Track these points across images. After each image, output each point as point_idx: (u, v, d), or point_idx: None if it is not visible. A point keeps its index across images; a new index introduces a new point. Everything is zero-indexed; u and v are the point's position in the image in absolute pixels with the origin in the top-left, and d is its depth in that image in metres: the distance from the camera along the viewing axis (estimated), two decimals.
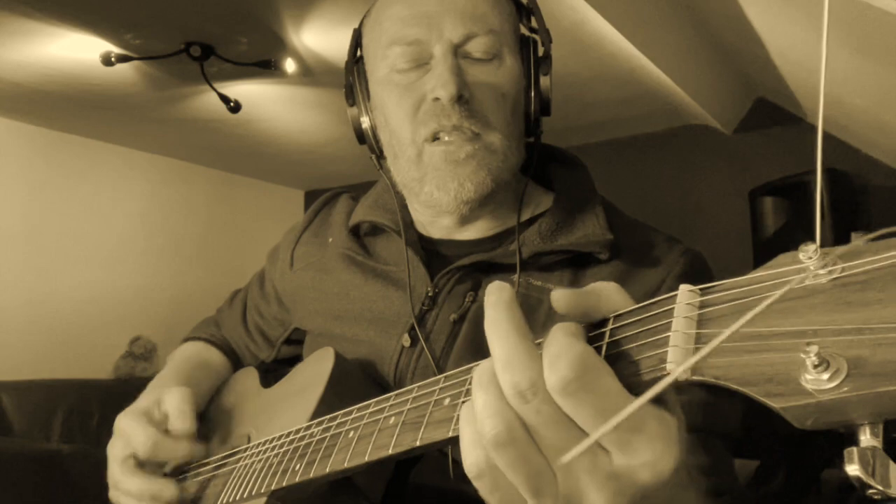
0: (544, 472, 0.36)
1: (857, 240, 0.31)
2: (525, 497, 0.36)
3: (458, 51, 0.72)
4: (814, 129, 3.50)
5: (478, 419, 0.36)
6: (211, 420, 0.90)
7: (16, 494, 2.65)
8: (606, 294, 0.39)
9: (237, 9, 2.80)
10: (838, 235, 2.96)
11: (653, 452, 0.35)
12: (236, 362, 1.00)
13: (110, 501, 0.78)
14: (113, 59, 3.11)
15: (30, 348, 3.95)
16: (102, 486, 0.79)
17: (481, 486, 0.38)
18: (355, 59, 0.81)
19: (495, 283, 0.39)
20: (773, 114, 3.64)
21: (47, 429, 3.49)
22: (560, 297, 0.38)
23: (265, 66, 3.21)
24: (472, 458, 0.37)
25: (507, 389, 0.36)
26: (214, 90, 3.42)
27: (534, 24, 0.79)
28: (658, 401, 0.35)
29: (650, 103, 3.54)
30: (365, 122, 0.80)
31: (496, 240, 0.79)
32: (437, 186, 0.72)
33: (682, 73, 3.06)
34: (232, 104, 3.51)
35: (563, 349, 0.34)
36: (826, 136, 3.43)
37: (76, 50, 3.11)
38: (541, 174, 0.84)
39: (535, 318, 0.71)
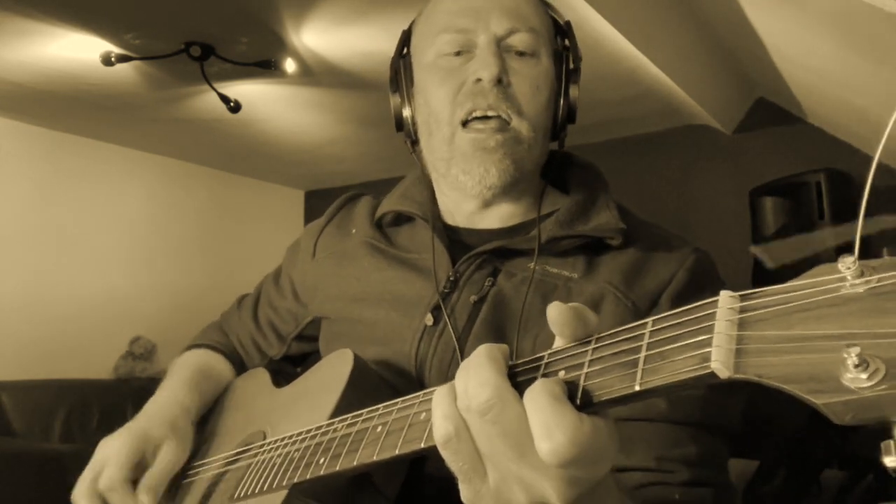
0: (479, 466, 0.44)
1: (889, 255, 0.34)
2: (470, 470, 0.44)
3: (500, 43, 0.78)
4: (815, 129, 3.51)
5: (433, 420, 0.46)
6: (219, 418, 0.90)
7: (16, 494, 2.65)
8: (591, 319, 0.45)
9: (237, 9, 2.80)
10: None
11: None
12: (240, 369, 1.00)
13: None
14: (113, 59, 3.11)
15: (30, 348, 3.95)
16: None
17: (445, 456, 0.45)
18: (401, 56, 0.87)
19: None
20: (773, 114, 3.64)
21: (47, 429, 3.50)
22: (555, 312, 0.45)
23: (265, 66, 3.21)
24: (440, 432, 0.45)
25: (460, 403, 0.44)
26: (214, 90, 3.42)
27: (567, 43, 0.85)
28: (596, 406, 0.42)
29: (650, 103, 3.54)
30: (406, 112, 0.85)
31: (515, 230, 0.83)
32: (462, 170, 0.78)
33: (682, 73, 3.06)
34: (232, 104, 3.51)
35: (555, 422, 0.40)
36: (826, 136, 3.44)
37: (76, 50, 3.11)
38: (558, 179, 0.89)
39: (550, 301, 0.74)
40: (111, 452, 0.78)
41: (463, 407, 0.44)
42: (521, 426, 0.41)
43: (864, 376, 0.30)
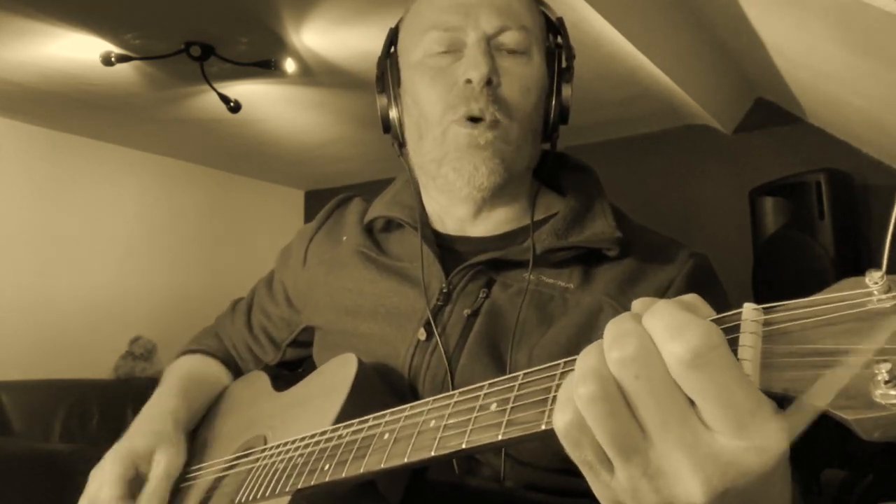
0: (634, 435, 0.36)
1: None
2: (612, 458, 0.37)
3: (490, 41, 0.76)
4: (815, 129, 3.50)
5: (576, 377, 0.38)
6: (216, 422, 0.89)
7: (16, 494, 2.65)
8: (693, 307, 0.39)
9: (237, 9, 2.80)
10: (838, 235, 2.96)
11: (763, 437, 0.35)
12: (236, 373, 0.99)
13: None
14: (113, 59, 3.11)
15: (30, 348, 3.95)
16: None
17: (566, 444, 0.39)
18: (388, 55, 0.85)
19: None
20: (773, 114, 3.64)
21: (47, 429, 3.49)
22: (641, 307, 0.39)
23: (265, 66, 3.21)
24: (560, 416, 0.38)
25: (612, 354, 0.37)
26: (214, 90, 3.42)
27: (559, 41, 0.83)
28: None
29: (650, 103, 3.54)
30: (393, 113, 0.83)
31: (508, 237, 0.81)
32: (453, 168, 0.76)
33: (682, 73, 3.06)
34: (232, 104, 3.51)
35: (686, 320, 0.35)
36: (826, 136, 3.43)
37: (76, 50, 3.11)
38: (552, 180, 0.87)
39: (546, 312, 0.73)
40: (103, 476, 0.76)
41: (612, 359, 0.37)
42: (670, 383, 0.35)
43: (894, 392, 0.30)
